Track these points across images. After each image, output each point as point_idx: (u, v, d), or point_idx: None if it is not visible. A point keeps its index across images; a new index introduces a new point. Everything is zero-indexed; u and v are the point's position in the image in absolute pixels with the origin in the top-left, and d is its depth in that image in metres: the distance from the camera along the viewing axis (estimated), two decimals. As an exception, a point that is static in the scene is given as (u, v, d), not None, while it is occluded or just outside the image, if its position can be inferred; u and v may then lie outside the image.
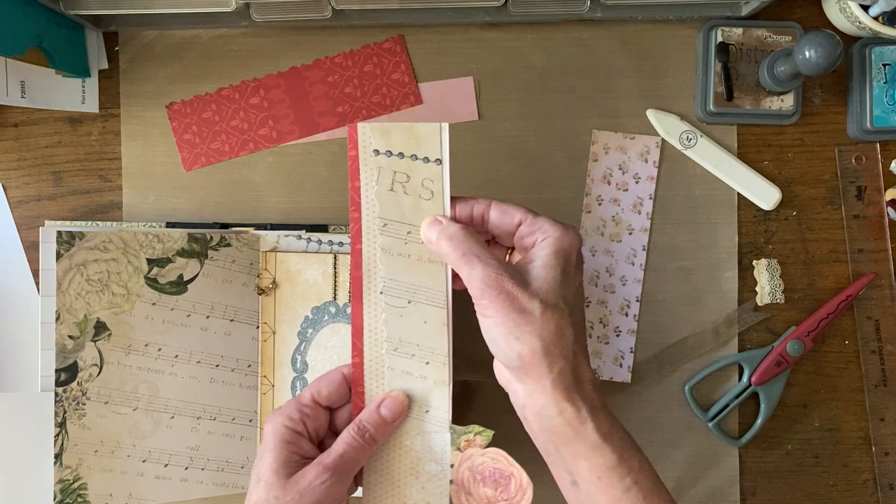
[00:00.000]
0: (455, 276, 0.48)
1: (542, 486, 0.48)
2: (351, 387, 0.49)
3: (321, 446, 0.48)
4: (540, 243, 0.46)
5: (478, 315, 0.45)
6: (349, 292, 0.58)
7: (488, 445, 0.48)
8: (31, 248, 0.64)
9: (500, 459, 0.48)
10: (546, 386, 0.44)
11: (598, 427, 0.44)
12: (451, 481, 0.49)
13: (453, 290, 0.49)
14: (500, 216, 0.48)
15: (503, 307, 0.44)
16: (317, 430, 0.48)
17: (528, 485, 0.48)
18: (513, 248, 0.50)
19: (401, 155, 0.48)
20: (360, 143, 0.48)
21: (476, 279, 0.44)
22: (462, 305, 0.50)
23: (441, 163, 0.48)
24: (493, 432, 0.48)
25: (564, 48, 0.64)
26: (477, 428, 0.48)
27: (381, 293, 0.48)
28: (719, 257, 0.64)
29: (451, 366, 0.49)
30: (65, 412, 0.56)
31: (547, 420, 0.45)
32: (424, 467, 0.49)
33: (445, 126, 0.48)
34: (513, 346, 0.44)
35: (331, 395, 0.49)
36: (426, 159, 0.48)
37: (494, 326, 0.44)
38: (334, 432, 0.49)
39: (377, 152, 0.48)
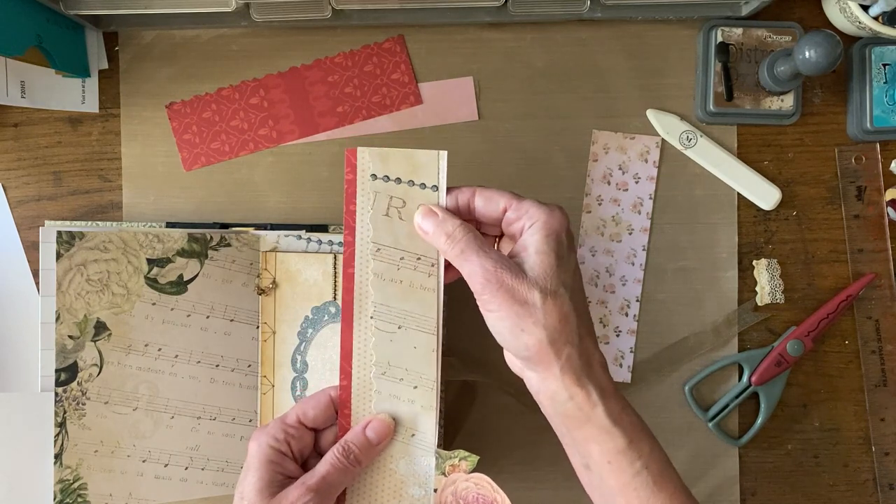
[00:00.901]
0: (447, 268, 0.48)
1: (544, 488, 0.48)
2: (337, 409, 0.49)
3: (305, 466, 0.48)
4: (528, 229, 0.45)
5: (481, 310, 0.45)
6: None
7: (473, 471, 0.48)
8: (31, 248, 0.64)
9: (484, 485, 0.48)
10: (556, 373, 0.44)
11: (608, 410, 0.44)
12: None
13: (446, 284, 0.49)
14: (486, 203, 0.47)
15: (505, 301, 0.44)
16: (301, 450, 0.48)
17: None
18: (502, 235, 0.50)
19: (398, 180, 0.48)
20: (359, 168, 0.48)
21: (476, 275, 0.44)
22: (458, 304, 0.50)
23: (437, 189, 0.48)
24: (477, 458, 0.48)
25: (564, 48, 0.64)
26: (462, 453, 0.48)
27: (372, 318, 0.48)
28: (719, 257, 0.64)
29: (439, 391, 0.49)
30: (65, 412, 0.56)
31: (559, 405, 0.45)
32: (408, 491, 0.49)
33: (444, 154, 0.48)
34: (519, 339, 0.44)
35: (317, 416, 0.49)
36: (423, 185, 0.48)
37: (499, 320, 0.44)
38: (319, 453, 0.49)
39: (374, 177, 0.48)
